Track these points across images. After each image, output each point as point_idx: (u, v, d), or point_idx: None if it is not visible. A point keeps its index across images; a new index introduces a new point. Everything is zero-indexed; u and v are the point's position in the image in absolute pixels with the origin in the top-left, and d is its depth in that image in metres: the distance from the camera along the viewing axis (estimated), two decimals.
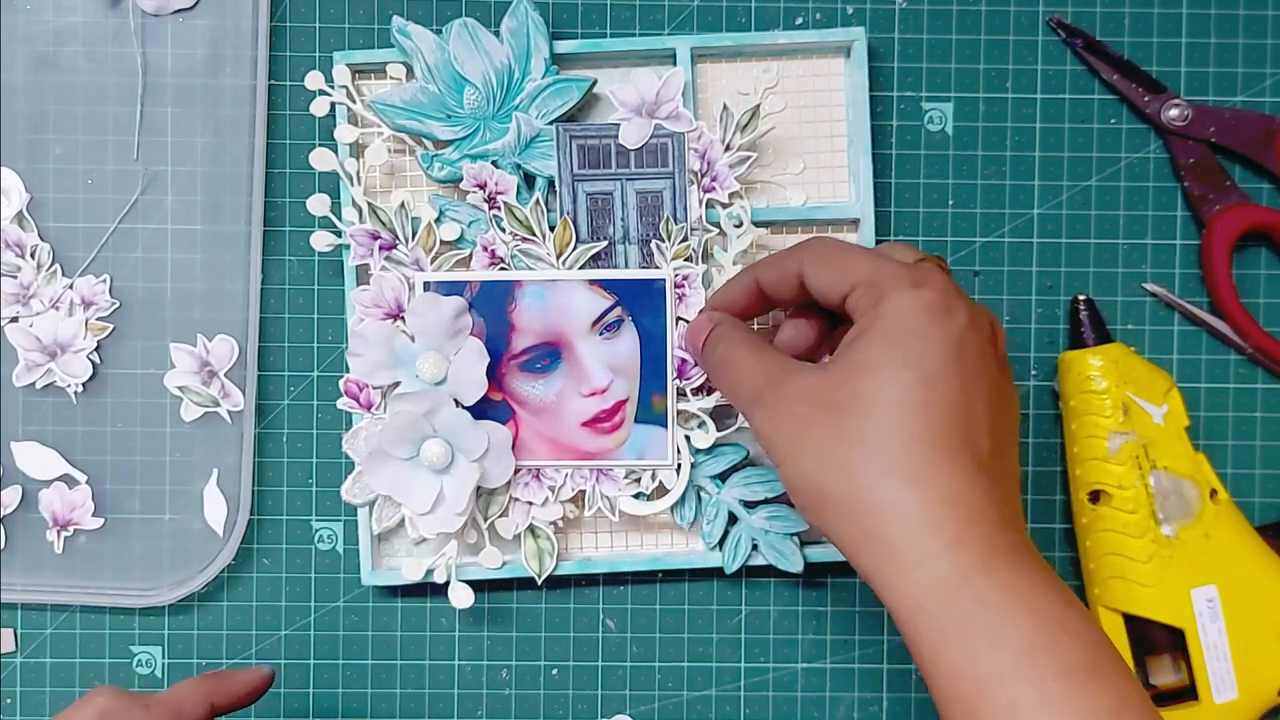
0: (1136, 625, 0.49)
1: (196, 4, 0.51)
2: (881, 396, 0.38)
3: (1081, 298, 0.51)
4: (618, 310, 0.49)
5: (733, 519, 0.50)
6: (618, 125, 0.48)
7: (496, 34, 0.49)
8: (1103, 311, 0.51)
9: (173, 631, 0.52)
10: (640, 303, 0.49)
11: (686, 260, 0.49)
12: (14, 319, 0.51)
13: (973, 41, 0.52)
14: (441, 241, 0.49)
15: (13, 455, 0.51)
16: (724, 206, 0.49)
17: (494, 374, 0.49)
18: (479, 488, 0.48)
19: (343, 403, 0.49)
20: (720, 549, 0.50)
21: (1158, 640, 0.49)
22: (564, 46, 0.50)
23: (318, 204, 0.50)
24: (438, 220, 0.49)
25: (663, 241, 0.48)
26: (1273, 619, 0.48)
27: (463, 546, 0.50)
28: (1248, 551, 0.49)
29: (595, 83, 0.49)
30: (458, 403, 0.48)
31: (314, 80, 0.49)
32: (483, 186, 0.49)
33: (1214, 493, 0.49)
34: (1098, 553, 0.49)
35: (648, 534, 0.52)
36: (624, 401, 0.49)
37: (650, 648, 0.52)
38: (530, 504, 0.50)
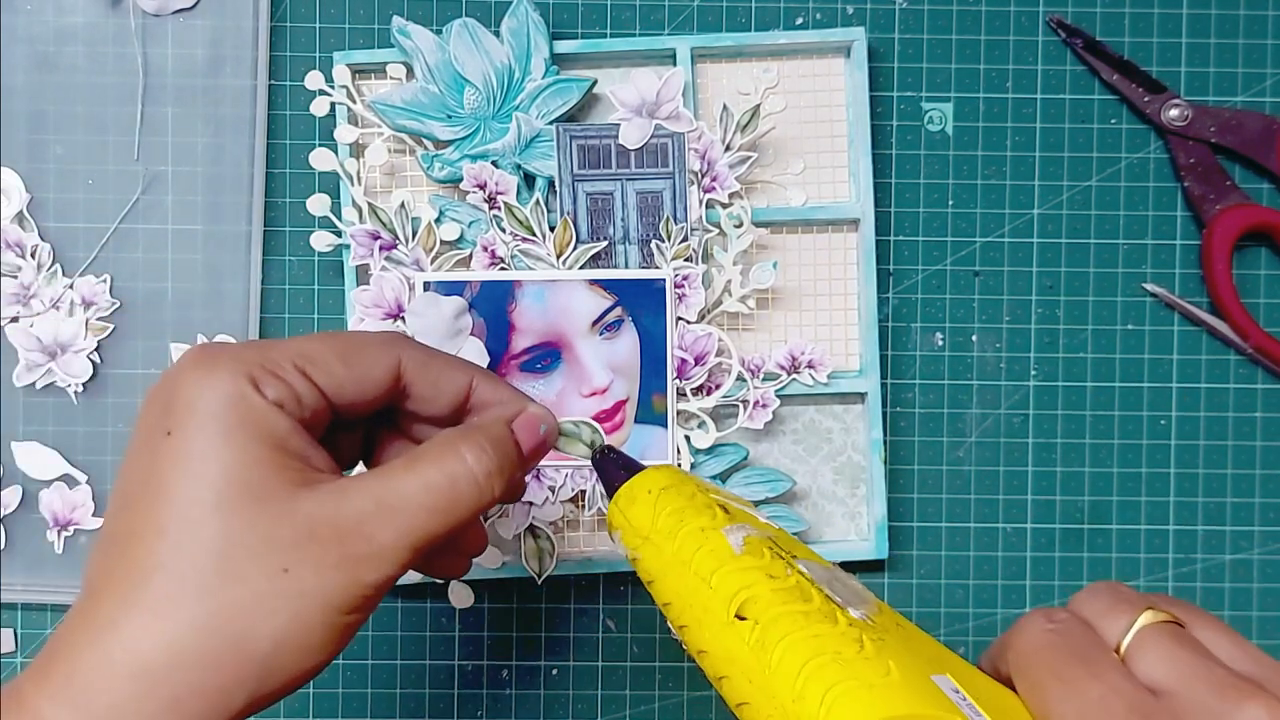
0: None
1: (197, 4, 0.51)
2: None
3: (597, 449, 0.41)
4: (618, 310, 0.49)
5: None
6: (618, 125, 0.48)
7: (496, 34, 0.49)
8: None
9: None
10: (640, 303, 0.49)
11: (686, 260, 0.49)
12: (14, 319, 0.51)
13: (973, 41, 0.52)
14: (441, 241, 0.49)
15: (13, 455, 0.51)
16: (724, 206, 0.49)
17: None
18: None
19: None
20: None
21: None
22: (564, 46, 0.50)
23: (318, 204, 0.50)
24: (438, 220, 0.49)
25: (663, 241, 0.48)
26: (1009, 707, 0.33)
27: None
28: (931, 643, 0.35)
29: (595, 83, 0.49)
30: None
31: (314, 80, 0.49)
32: (483, 186, 0.49)
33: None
34: (794, 665, 0.31)
35: None
36: (624, 401, 0.49)
37: (650, 648, 0.52)
38: (530, 504, 0.50)
